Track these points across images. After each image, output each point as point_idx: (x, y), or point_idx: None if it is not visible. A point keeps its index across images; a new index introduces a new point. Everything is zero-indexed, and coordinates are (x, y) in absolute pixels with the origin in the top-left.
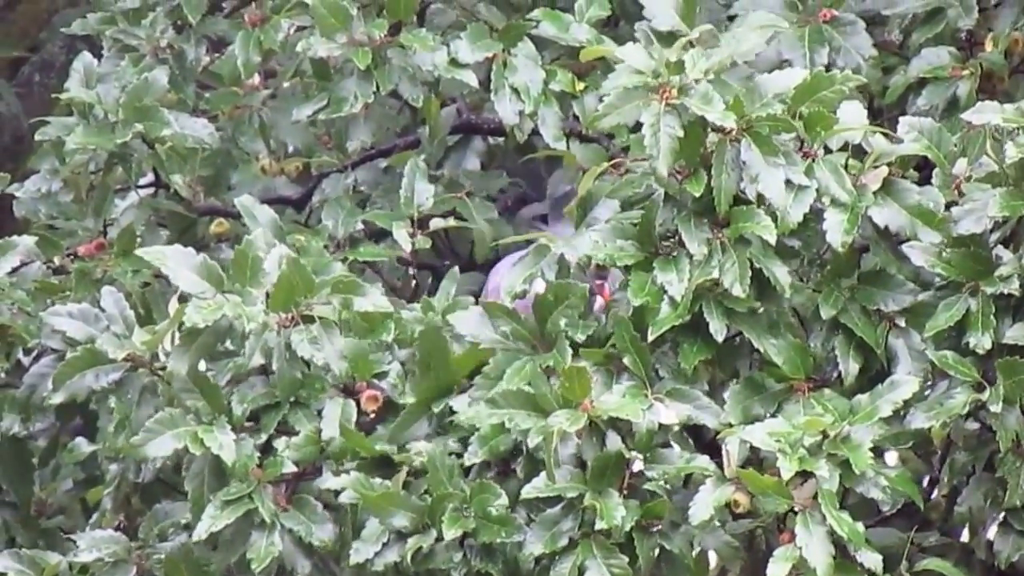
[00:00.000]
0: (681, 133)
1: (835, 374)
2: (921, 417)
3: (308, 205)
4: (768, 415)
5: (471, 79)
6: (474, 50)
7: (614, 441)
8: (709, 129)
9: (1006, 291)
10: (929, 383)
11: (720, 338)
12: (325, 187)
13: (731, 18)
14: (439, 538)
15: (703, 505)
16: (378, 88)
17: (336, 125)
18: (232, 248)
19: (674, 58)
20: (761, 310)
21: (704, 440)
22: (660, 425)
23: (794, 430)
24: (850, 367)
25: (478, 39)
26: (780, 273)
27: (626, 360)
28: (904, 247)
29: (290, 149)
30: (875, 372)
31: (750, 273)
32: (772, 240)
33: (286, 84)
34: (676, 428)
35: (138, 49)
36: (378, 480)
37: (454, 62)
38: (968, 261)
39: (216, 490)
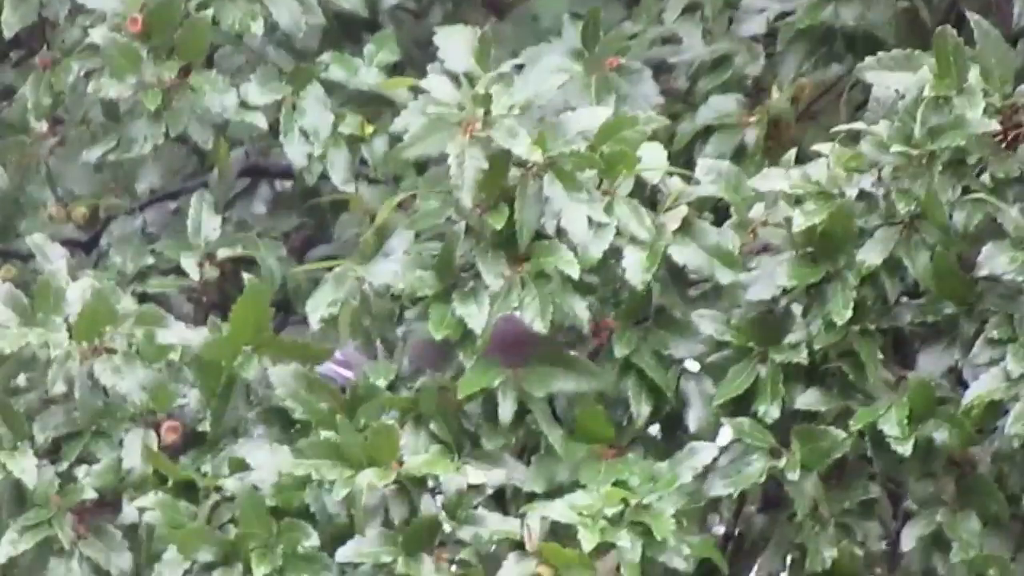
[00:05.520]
0: (486, 165)
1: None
2: (719, 484)
3: (96, 249)
4: (571, 482)
5: (261, 121)
6: (263, 93)
7: (428, 504)
8: (512, 164)
9: (794, 360)
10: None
11: (507, 422)
12: (113, 230)
13: (519, 67)
14: (244, 573)
15: None
16: (168, 130)
17: (125, 168)
18: None
19: (481, 91)
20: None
21: (518, 504)
22: (470, 486)
23: (595, 501)
24: (641, 409)
25: (268, 82)
26: (579, 309)
27: (433, 427)
28: (694, 315)
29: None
30: (666, 415)
31: (551, 308)
32: (575, 274)
33: (73, 132)
34: (488, 492)
35: None
36: (183, 504)
37: (244, 104)
38: (757, 328)
39: (15, 516)
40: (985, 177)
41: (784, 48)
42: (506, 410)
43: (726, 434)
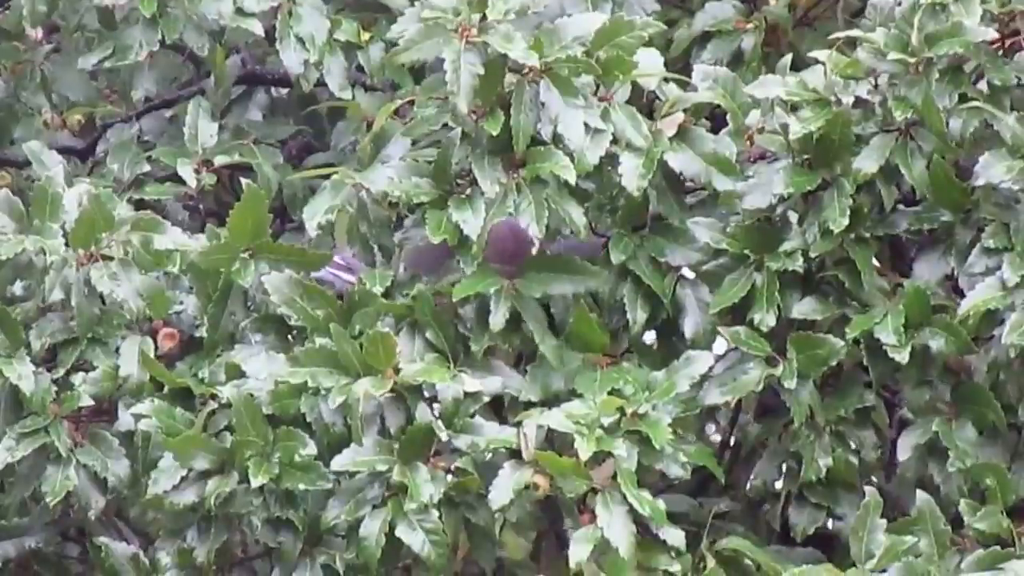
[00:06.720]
0: (482, 71)
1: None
2: (715, 392)
3: (92, 156)
4: (568, 390)
5: (256, 28)
6: None
7: (423, 412)
8: (508, 69)
9: (791, 267)
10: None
11: (498, 329)
12: (110, 136)
13: None
14: (240, 481)
15: (502, 489)
16: (163, 37)
17: (120, 75)
18: None
19: None
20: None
21: (515, 412)
22: (466, 394)
23: (592, 410)
24: (637, 315)
25: None
26: (576, 214)
27: (428, 335)
28: (690, 222)
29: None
30: (662, 322)
31: (547, 213)
32: (572, 179)
33: (68, 39)
34: (485, 400)
35: None
36: (180, 411)
37: (240, 11)
38: (754, 235)
39: (11, 423)
40: (982, 84)
41: None
42: (498, 317)
43: (721, 343)
